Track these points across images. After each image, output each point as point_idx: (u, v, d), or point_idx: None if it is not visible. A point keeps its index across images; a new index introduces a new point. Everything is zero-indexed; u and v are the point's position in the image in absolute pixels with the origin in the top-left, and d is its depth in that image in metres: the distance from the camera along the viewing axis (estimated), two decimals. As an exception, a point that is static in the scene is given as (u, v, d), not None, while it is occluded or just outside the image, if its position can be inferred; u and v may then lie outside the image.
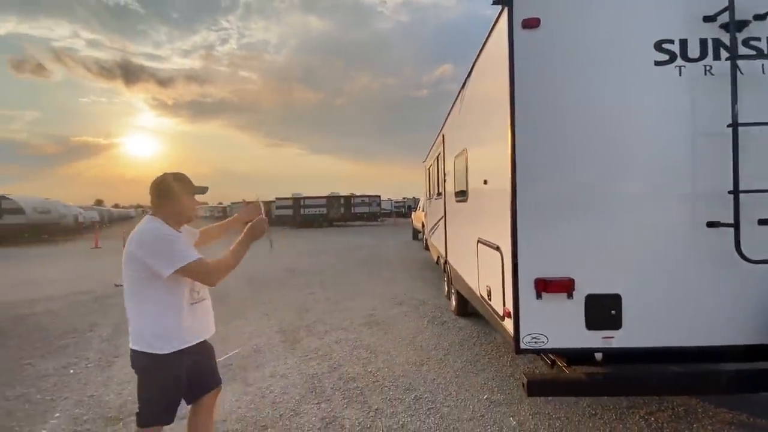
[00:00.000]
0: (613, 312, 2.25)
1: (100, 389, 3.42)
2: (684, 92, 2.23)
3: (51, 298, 7.14)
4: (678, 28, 2.22)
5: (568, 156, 2.28)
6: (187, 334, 1.85)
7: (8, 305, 6.62)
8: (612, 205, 2.27)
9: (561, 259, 2.28)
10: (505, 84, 2.29)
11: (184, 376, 1.88)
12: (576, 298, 2.26)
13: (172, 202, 1.88)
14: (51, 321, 5.64)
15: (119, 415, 2.97)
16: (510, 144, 2.28)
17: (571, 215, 2.29)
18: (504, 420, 2.75)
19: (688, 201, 2.25)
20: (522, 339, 2.30)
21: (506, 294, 2.48)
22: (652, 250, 2.27)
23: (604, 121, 2.27)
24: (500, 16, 2.43)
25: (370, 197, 30.75)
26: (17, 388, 3.48)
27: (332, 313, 5.65)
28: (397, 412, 2.92)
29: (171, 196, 1.87)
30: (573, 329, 2.28)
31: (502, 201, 2.46)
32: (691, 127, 2.22)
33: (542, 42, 2.26)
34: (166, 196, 1.87)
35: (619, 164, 2.27)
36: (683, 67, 2.22)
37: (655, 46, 2.23)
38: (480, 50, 3.03)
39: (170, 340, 1.80)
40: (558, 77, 2.28)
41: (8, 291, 7.83)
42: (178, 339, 1.81)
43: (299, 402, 3.11)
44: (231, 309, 5.95)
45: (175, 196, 1.87)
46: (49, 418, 2.97)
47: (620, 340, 2.26)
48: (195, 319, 1.90)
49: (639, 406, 2.83)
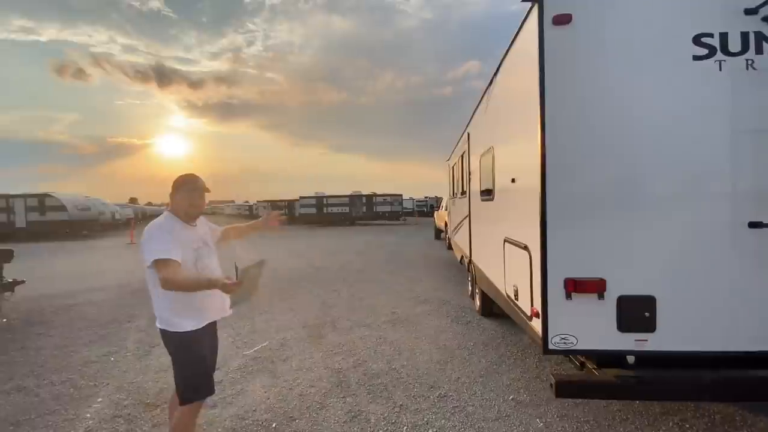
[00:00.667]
0: (646, 314, 2.19)
1: (139, 376, 3.61)
2: (724, 87, 2.14)
3: (92, 289, 7.56)
4: (718, 22, 2.14)
5: (600, 154, 2.24)
6: (200, 315, 2.06)
7: (53, 296, 7.06)
8: (647, 204, 2.21)
9: (592, 259, 2.24)
10: (535, 81, 2.26)
11: (206, 354, 2.12)
12: (607, 299, 2.22)
13: (181, 199, 2.11)
14: (92, 311, 5.98)
15: (157, 401, 3.12)
16: (540, 142, 2.26)
17: (604, 214, 2.24)
18: (530, 421, 2.73)
19: (728, 200, 2.16)
20: (550, 339, 2.28)
21: (534, 294, 2.45)
22: (690, 251, 2.19)
23: (639, 118, 2.21)
24: (530, 12, 2.40)
25: (392, 196, 30.79)
26: (63, 373, 3.72)
27: (355, 310, 5.72)
28: (422, 409, 2.95)
29: (179, 193, 2.11)
30: (604, 331, 2.23)
31: (531, 199, 2.43)
32: (732, 123, 2.14)
33: (574, 39, 2.22)
34: (177, 193, 2.11)
35: (654, 162, 2.20)
36: (724, 62, 2.14)
37: (694, 40, 2.15)
38: (508, 47, 3.00)
39: (185, 319, 2.01)
40: (590, 74, 2.24)
41: (53, 283, 8.34)
42: (193, 318, 2.03)
43: (325, 395, 3.18)
44: (257, 303, 6.12)
45: (182, 193, 2.11)
46: (93, 402, 3.16)
47: (654, 344, 2.20)
48: (206, 301, 2.07)
49: (673, 412, 2.74)
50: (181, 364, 2.05)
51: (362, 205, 30.18)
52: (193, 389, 2.06)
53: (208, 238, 2.24)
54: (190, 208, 2.13)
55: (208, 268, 2.12)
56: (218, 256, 2.30)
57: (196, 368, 2.06)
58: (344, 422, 2.79)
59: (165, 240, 1.94)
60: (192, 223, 2.16)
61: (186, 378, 2.05)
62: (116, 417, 2.92)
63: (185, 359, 2.05)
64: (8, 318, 5.55)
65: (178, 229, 2.06)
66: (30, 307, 6.28)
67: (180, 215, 2.11)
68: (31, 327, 5.22)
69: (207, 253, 2.16)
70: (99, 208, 24.70)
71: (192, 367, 2.05)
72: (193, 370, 2.05)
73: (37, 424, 2.84)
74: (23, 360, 4.08)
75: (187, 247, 2.03)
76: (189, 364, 2.05)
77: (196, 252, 2.08)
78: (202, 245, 2.15)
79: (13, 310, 5.89)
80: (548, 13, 2.21)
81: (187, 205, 2.12)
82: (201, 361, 2.08)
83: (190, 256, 2.04)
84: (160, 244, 1.92)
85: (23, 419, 2.91)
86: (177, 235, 2.01)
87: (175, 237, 1.99)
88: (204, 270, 2.08)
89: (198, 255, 2.09)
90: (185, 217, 2.12)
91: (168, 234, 1.98)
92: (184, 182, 2.13)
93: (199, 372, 2.06)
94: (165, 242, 1.93)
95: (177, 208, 2.12)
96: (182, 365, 2.05)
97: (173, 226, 2.05)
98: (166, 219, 2.09)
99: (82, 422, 2.86)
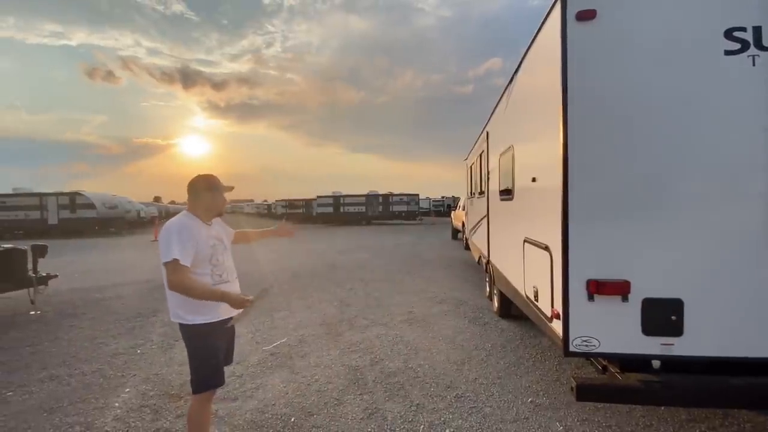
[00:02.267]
0: (673, 317, 2.13)
1: (164, 369, 3.73)
2: (758, 82, 2.06)
3: (119, 284, 7.84)
4: (751, 15, 2.06)
5: (624, 152, 2.18)
6: (211, 312, 2.08)
7: (83, 290, 7.37)
8: (674, 204, 2.14)
9: (616, 260, 2.19)
10: (558, 78, 2.22)
11: (221, 346, 2.17)
12: (632, 301, 2.16)
13: (201, 199, 2.16)
14: (119, 305, 6.21)
15: (180, 392, 3.22)
16: (562, 141, 2.22)
17: (628, 214, 2.18)
18: (550, 425, 2.69)
19: (760, 199, 2.07)
20: (571, 341, 2.24)
21: (555, 295, 2.41)
22: (719, 253, 2.11)
23: (666, 115, 2.14)
24: (553, 8, 2.36)
25: (409, 196, 30.75)
26: (93, 364, 3.88)
27: (372, 309, 5.74)
28: (439, 408, 2.94)
29: (200, 193, 2.16)
30: (628, 334, 2.18)
31: (552, 199, 2.39)
32: (765, 120, 2.05)
33: (598, 34, 2.17)
34: (196, 194, 2.16)
35: (683, 161, 2.13)
36: (757, 57, 2.05)
37: (725, 35, 2.07)
38: (530, 44, 2.96)
39: (197, 314, 2.06)
40: (615, 70, 2.18)
41: (82, 277, 8.70)
42: (205, 314, 2.07)
43: (342, 392, 3.21)
44: (276, 301, 6.22)
45: (204, 193, 2.16)
46: (121, 392, 3.29)
47: (681, 348, 2.13)
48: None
49: (700, 419, 2.65)
50: (193, 355, 2.11)
51: (378, 205, 30.25)
52: (203, 380, 2.12)
53: (223, 237, 2.28)
54: (211, 208, 2.18)
55: (222, 264, 2.17)
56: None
57: (208, 360, 2.11)
58: (361, 419, 2.81)
59: (181, 242, 1.96)
60: (209, 222, 2.20)
61: (197, 368, 2.11)
62: (143, 407, 3.03)
63: (197, 350, 2.11)
64: (42, 310, 5.82)
65: (196, 227, 2.09)
66: (62, 299, 6.57)
67: (199, 214, 2.15)
68: (63, 319, 5.47)
69: (222, 250, 2.20)
70: (125, 206, 25.60)
71: (203, 358, 2.11)
72: (204, 362, 2.11)
73: (69, 412, 2.97)
74: (56, 350, 4.27)
75: (204, 244, 2.08)
76: (200, 355, 2.11)
77: (213, 248, 2.13)
78: (218, 242, 2.19)
79: (46, 303, 6.17)
80: (572, 9, 2.17)
81: (208, 205, 2.17)
82: (213, 354, 2.12)
83: (207, 252, 2.09)
84: (175, 246, 1.94)
85: (56, 406, 3.05)
86: (194, 234, 2.04)
87: (192, 236, 2.02)
88: (218, 266, 2.13)
89: (214, 251, 2.13)
90: (204, 216, 2.17)
91: (187, 234, 2.01)
92: (204, 182, 2.17)
93: (210, 364, 2.11)
94: (180, 244, 1.95)
95: (196, 207, 2.15)
96: (194, 356, 2.11)
97: (191, 225, 2.08)
98: (185, 218, 2.12)
99: (110, 411, 2.98)
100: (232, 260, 2.30)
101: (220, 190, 2.21)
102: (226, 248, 2.27)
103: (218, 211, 2.24)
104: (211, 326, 2.09)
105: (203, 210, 2.17)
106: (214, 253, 2.13)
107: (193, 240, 2.02)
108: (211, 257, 2.12)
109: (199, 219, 2.15)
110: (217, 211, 2.23)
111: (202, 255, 2.06)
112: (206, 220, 2.18)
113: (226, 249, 2.26)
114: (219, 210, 2.24)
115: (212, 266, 2.11)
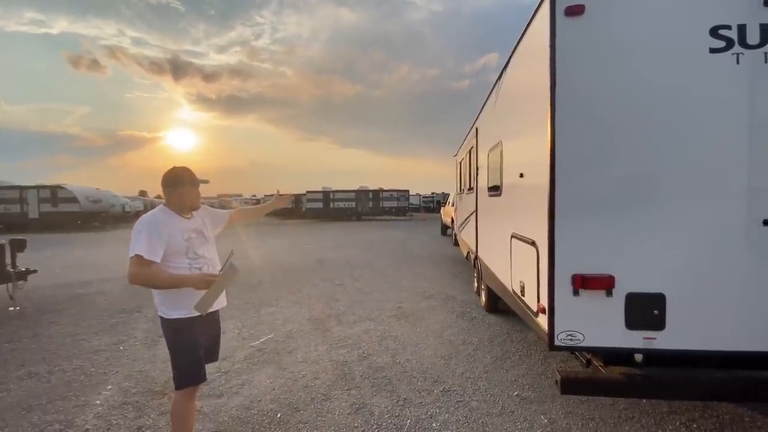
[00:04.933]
0: (656, 312, 2.16)
1: (147, 365, 3.66)
2: (742, 81, 2.08)
3: (102, 280, 7.68)
4: (736, 13, 2.07)
5: (611, 149, 2.20)
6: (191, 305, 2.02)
7: (64, 285, 7.19)
8: (658, 201, 2.17)
9: (600, 255, 2.21)
10: (546, 74, 2.22)
11: (200, 342, 2.12)
12: (616, 295, 2.19)
13: (175, 193, 2.12)
14: (102, 301, 6.08)
15: (164, 389, 3.17)
16: (549, 137, 2.22)
17: (613, 210, 2.20)
18: (535, 417, 2.72)
19: (743, 197, 2.10)
20: (557, 336, 2.26)
21: (541, 290, 2.43)
22: (701, 248, 2.15)
23: (652, 112, 2.16)
24: (542, 3, 2.36)
25: (399, 192, 30.74)
26: (74, 361, 3.79)
27: (361, 304, 5.74)
28: (426, 402, 2.95)
29: (168, 189, 2.11)
30: (612, 328, 2.21)
31: (539, 195, 2.40)
32: (749, 118, 2.08)
33: (586, 30, 2.17)
34: (166, 189, 2.12)
35: (667, 158, 2.15)
36: (741, 54, 2.07)
37: (711, 33, 2.09)
38: (519, 39, 2.95)
39: (176, 308, 2.04)
40: (602, 66, 2.19)
41: (64, 272, 8.49)
42: (185, 308, 2.03)
43: (330, 387, 3.20)
44: (264, 296, 6.17)
45: (171, 189, 2.11)
46: (102, 389, 3.22)
47: (663, 342, 2.17)
48: (194, 294, 2.02)
49: (680, 411, 2.71)
50: (172, 349, 2.09)
51: (368, 201, 30.18)
52: (184, 376, 2.10)
53: (204, 228, 2.23)
54: (181, 203, 2.14)
55: (202, 257, 2.13)
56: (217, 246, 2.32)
57: (188, 355, 2.09)
58: (348, 414, 2.81)
59: (148, 237, 1.94)
60: (186, 215, 2.16)
61: (177, 364, 2.10)
62: (125, 404, 2.97)
63: (175, 345, 2.09)
64: (21, 306, 5.66)
65: (169, 222, 2.06)
66: (42, 295, 6.41)
67: (173, 208, 2.13)
68: (43, 315, 5.33)
69: (200, 242, 2.15)
70: (110, 200, 25.04)
71: (184, 354, 2.09)
72: (185, 357, 2.09)
73: (49, 410, 2.90)
74: (35, 347, 4.16)
75: (178, 238, 2.05)
76: (181, 351, 2.09)
77: (188, 242, 2.09)
78: (196, 236, 2.14)
79: (25, 299, 6.00)
80: (560, 4, 2.17)
81: (177, 200, 2.12)
82: (192, 349, 2.10)
83: (181, 246, 2.05)
84: (139, 242, 1.92)
85: (35, 404, 2.97)
86: (164, 229, 2.01)
87: (160, 232, 1.98)
88: (196, 259, 2.10)
89: (190, 244, 2.09)
90: (179, 210, 2.13)
91: (155, 229, 1.97)
92: (171, 178, 2.12)
93: (191, 359, 2.09)
94: (146, 240, 1.93)
95: (169, 202, 2.13)
96: (173, 351, 2.10)
97: (163, 220, 2.06)
98: (159, 212, 2.10)
99: (92, 408, 2.92)
100: (215, 252, 2.27)
101: (188, 185, 2.14)
102: (207, 240, 2.23)
103: (190, 205, 2.18)
104: (190, 321, 2.06)
105: (177, 205, 2.13)
106: (190, 246, 2.09)
107: (162, 235, 1.98)
108: (187, 250, 2.08)
109: (174, 212, 2.12)
110: (189, 206, 2.17)
111: (176, 248, 2.03)
112: (183, 214, 2.15)
113: (206, 241, 2.22)
114: (191, 205, 2.18)
115: (189, 259, 2.09)
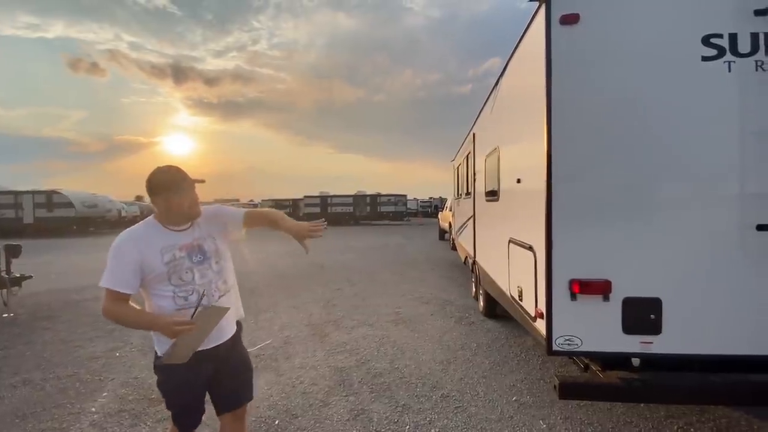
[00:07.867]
0: (652, 316, 2.18)
1: (144, 372, 3.63)
2: (733, 88, 2.12)
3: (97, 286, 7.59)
4: (727, 22, 2.12)
5: (606, 155, 2.23)
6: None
7: (59, 291, 7.13)
8: (653, 206, 2.20)
9: (597, 260, 2.23)
10: (542, 81, 2.26)
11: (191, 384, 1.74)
12: (612, 300, 2.21)
13: (159, 200, 1.65)
14: (98, 307, 5.97)
15: (161, 397, 3.13)
16: (546, 143, 2.25)
17: (610, 216, 2.23)
18: (533, 423, 2.72)
19: (736, 202, 2.14)
20: (554, 340, 2.27)
21: (539, 295, 2.44)
22: (696, 254, 2.17)
23: (647, 119, 2.19)
24: (537, 11, 2.40)
25: (396, 196, 30.79)
26: (69, 368, 3.76)
27: (359, 309, 5.72)
28: (424, 408, 2.94)
29: (151, 196, 1.66)
30: (609, 332, 2.22)
31: (536, 200, 2.42)
32: (740, 125, 2.12)
33: (581, 38, 2.21)
34: (153, 194, 1.66)
35: (662, 164, 2.19)
36: (733, 63, 2.12)
37: (703, 41, 2.14)
38: (515, 47, 2.99)
39: (159, 342, 1.68)
40: (597, 74, 2.23)
41: (60, 278, 8.42)
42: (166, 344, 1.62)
43: (328, 393, 3.19)
44: (262, 301, 6.15)
45: (155, 197, 1.65)
46: (98, 396, 3.19)
47: (660, 346, 2.18)
48: None
49: (678, 416, 2.72)
50: (159, 386, 1.75)
51: (366, 205, 30.21)
52: (173, 416, 1.79)
53: (205, 242, 1.76)
54: (172, 212, 1.68)
55: (190, 283, 1.67)
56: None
57: (171, 398, 1.75)
58: (347, 420, 2.80)
59: (115, 264, 1.59)
60: (179, 227, 1.72)
61: (167, 403, 1.76)
62: (121, 411, 2.94)
63: (159, 385, 1.74)
64: (15, 312, 5.61)
65: (149, 239, 1.65)
66: (37, 301, 6.34)
67: (160, 220, 1.70)
68: (38, 321, 5.28)
69: (189, 264, 1.68)
70: (106, 205, 24.89)
71: (165, 395, 1.75)
72: (168, 400, 1.75)
73: (43, 418, 2.87)
74: (30, 354, 4.13)
75: (155, 260, 1.62)
76: (163, 392, 1.74)
77: (169, 265, 1.63)
78: (184, 254, 1.68)
79: (20, 305, 5.95)
80: (555, 13, 2.21)
81: (165, 209, 1.67)
82: (176, 392, 1.73)
83: (161, 270, 1.62)
84: (107, 270, 1.59)
85: (29, 412, 2.94)
86: (139, 250, 1.60)
87: (132, 256, 1.59)
88: (182, 286, 1.65)
89: (172, 268, 1.64)
90: (168, 222, 1.70)
91: (119, 254, 1.60)
92: (158, 182, 1.64)
93: (174, 403, 1.75)
94: (112, 267, 1.59)
95: (160, 211, 1.70)
96: (160, 389, 1.75)
97: (141, 236, 1.65)
98: (140, 227, 1.70)
99: (87, 416, 2.89)
100: (219, 272, 1.78)
101: (176, 189, 1.65)
102: (206, 258, 1.74)
103: (182, 214, 1.69)
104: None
105: (166, 215, 1.69)
106: (173, 269, 1.64)
107: (133, 260, 1.59)
108: (170, 276, 1.63)
109: (160, 225, 1.69)
110: (180, 215, 1.70)
111: (155, 272, 1.61)
112: (174, 226, 1.71)
113: (204, 259, 1.73)
114: (182, 213, 1.69)
115: (174, 286, 1.64)
